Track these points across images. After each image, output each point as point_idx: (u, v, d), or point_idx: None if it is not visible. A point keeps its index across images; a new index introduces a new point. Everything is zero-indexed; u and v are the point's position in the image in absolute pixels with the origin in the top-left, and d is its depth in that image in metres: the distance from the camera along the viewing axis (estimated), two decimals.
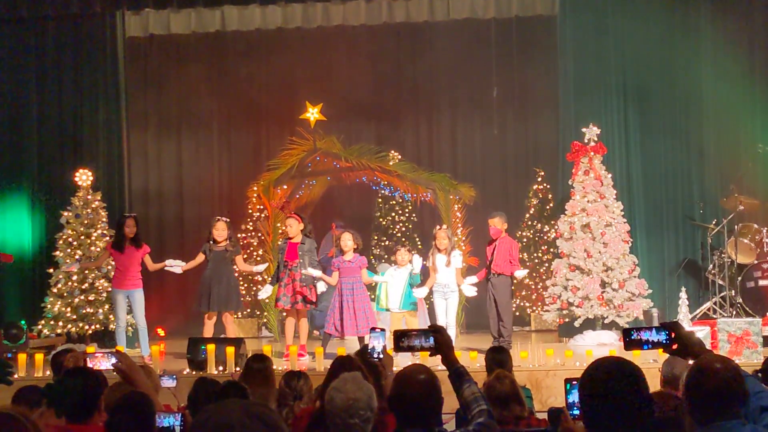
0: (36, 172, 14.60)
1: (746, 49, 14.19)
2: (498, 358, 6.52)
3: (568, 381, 4.66)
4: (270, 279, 11.94)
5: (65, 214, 13.40)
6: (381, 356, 5.00)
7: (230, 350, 10.10)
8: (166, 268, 11.60)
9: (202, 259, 11.49)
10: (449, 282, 11.38)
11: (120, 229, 11.54)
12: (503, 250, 11.47)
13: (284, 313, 11.86)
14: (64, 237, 13.33)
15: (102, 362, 5.27)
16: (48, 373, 8.56)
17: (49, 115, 14.68)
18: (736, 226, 13.20)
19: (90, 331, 13.07)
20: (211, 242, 11.45)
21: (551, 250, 15.07)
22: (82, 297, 13.08)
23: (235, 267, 11.67)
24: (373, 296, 12.46)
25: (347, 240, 11.33)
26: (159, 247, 14.95)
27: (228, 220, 11.75)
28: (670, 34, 13.94)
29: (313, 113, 13.87)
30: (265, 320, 15.10)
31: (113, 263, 12.24)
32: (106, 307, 13.09)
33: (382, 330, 5.32)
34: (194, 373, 10.00)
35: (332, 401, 3.96)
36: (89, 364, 5.16)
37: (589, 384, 3.17)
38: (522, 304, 15.27)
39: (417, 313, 11.53)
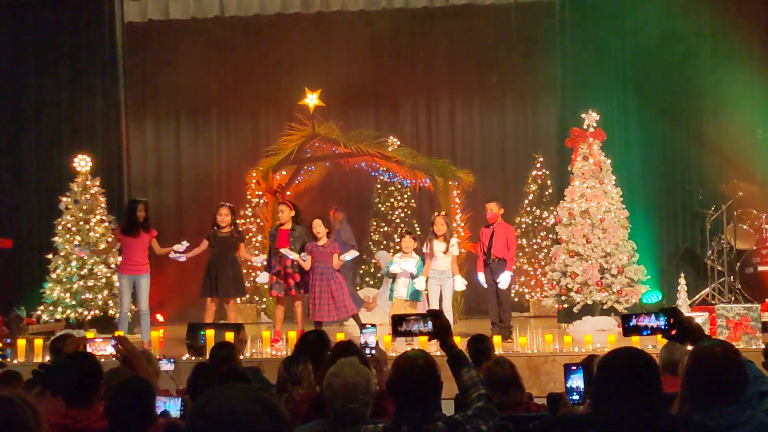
0: (34, 157, 14.58)
1: (745, 34, 14.16)
2: (481, 348, 6.47)
3: (567, 366, 4.67)
4: (265, 266, 11.95)
5: (64, 199, 13.38)
6: (374, 352, 5.01)
7: (229, 335, 10.10)
8: (170, 256, 11.60)
9: (205, 245, 11.49)
10: (446, 269, 11.40)
11: (132, 213, 11.52)
12: (502, 235, 11.50)
13: (276, 300, 11.90)
14: (63, 223, 13.31)
15: (102, 347, 5.28)
16: (47, 358, 8.57)
17: (48, 100, 14.64)
18: (735, 212, 13.20)
19: (89, 317, 13.07)
20: (215, 228, 11.45)
21: (550, 236, 15.08)
22: (81, 283, 13.07)
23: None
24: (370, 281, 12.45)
25: (318, 226, 11.33)
26: (158, 233, 14.98)
27: (231, 206, 11.76)
28: (670, 19, 13.91)
29: (312, 99, 13.83)
30: (264, 306, 15.13)
31: (115, 249, 12.24)
32: (105, 292, 13.09)
33: (373, 326, 5.31)
34: (193, 358, 10.02)
35: (330, 387, 3.96)
36: (89, 349, 5.17)
37: (611, 366, 3.21)
38: (521, 289, 15.28)
39: (418, 304, 11.52)
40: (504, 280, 11.40)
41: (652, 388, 3.13)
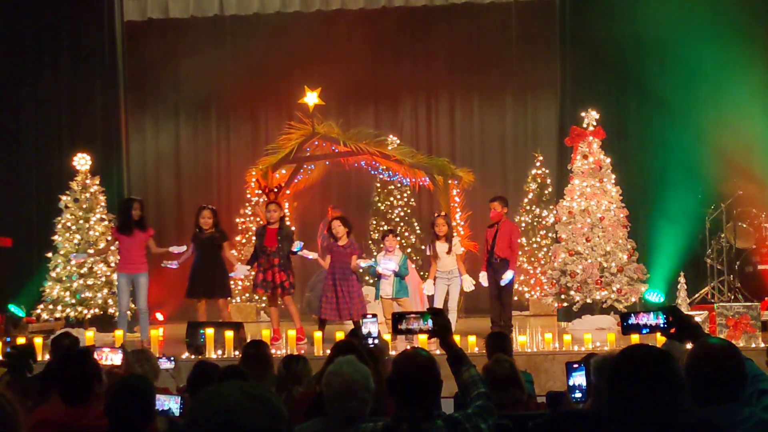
0: (34, 156, 14.57)
1: (746, 31, 14.13)
2: (500, 344, 6.54)
3: (569, 365, 4.67)
4: (248, 260, 11.96)
5: (63, 198, 13.37)
6: (376, 341, 5.02)
7: (229, 334, 10.11)
8: (162, 265, 11.63)
9: (191, 248, 11.53)
10: (452, 268, 11.42)
11: (126, 212, 11.54)
12: (505, 234, 11.51)
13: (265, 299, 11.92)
14: (63, 221, 13.31)
15: (109, 356, 5.30)
16: (47, 357, 8.57)
17: (47, 99, 14.63)
18: (734, 211, 13.19)
19: (89, 316, 13.07)
20: (198, 230, 11.51)
21: (550, 234, 15.08)
22: (81, 281, 13.07)
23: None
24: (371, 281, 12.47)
25: (337, 226, 11.38)
26: (157, 231, 14.94)
27: (214, 207, 11.76)
28: (669, 16, 13.90)
29: (311, 97, 13.83)
30: (263, 305, 15.12)
31: (112, 248, 12.26)
32: (105, 291, 13.09)
33: (374, 315, 5.32)
34: (192, 357, 10.02)
35: (330, 385, 3.97)
36: (96, 358, 5.19)
37: (631, 363, 3.12)
38: (520, 288, 15.27)
39: (407, 300, 11.54)
40: (507, 278, 11.46)
41: (675, 385, 3.06)
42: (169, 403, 4.66)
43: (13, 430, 2.47)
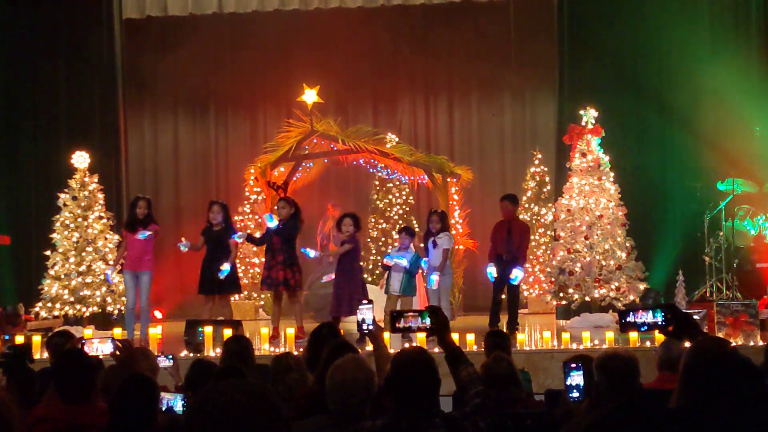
0: (32, 154, 14.56)
1: (743, 30, 14.15)
2: (499, 343, 6.53)
3: (566, 363, 4.65)
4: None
5: (62, 196, 13.36)
6: (371, 328, 5.02)
7: (227, 332, 10.08)
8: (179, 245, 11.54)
9: (201, 241, 11.49)
10: (438, 264, 11.38)
11: (131, 209, 11.55)
12: (517, 232, 11.48)
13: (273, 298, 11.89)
14: (61, 219, 13.30)
15: (98, 347, 5.28)
16: (45, 355, 8.55)
17: (45, 97, 14.62)
18: (733, 209, 13.19)
19: (87, 314, 13.06)
20: (209, 225, 11.45)
21: (548, 232, 15.08)
22: (80, 279, 13.06)
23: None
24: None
25: (348, 225, 11.35)
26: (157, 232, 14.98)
27: (224, 202, 11.73)
28: (668, 14, 13.90)
29: (310, 95, 13.82)
30: (262, 303, 15.12)
31: (109, 246, 12.25)
32: (104, 289, 13.08)
33: (370, 301, 5.32)
34: (191, 355, 10.00)
35: (332, 378, 3.97)
36: (86, 350, 5.17)
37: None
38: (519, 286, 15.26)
39: (413, 299, 11.51)
40: (518, 276, 11.46)
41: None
42: (174, 401, 4.67)
43: (6, 429, 2.47)
